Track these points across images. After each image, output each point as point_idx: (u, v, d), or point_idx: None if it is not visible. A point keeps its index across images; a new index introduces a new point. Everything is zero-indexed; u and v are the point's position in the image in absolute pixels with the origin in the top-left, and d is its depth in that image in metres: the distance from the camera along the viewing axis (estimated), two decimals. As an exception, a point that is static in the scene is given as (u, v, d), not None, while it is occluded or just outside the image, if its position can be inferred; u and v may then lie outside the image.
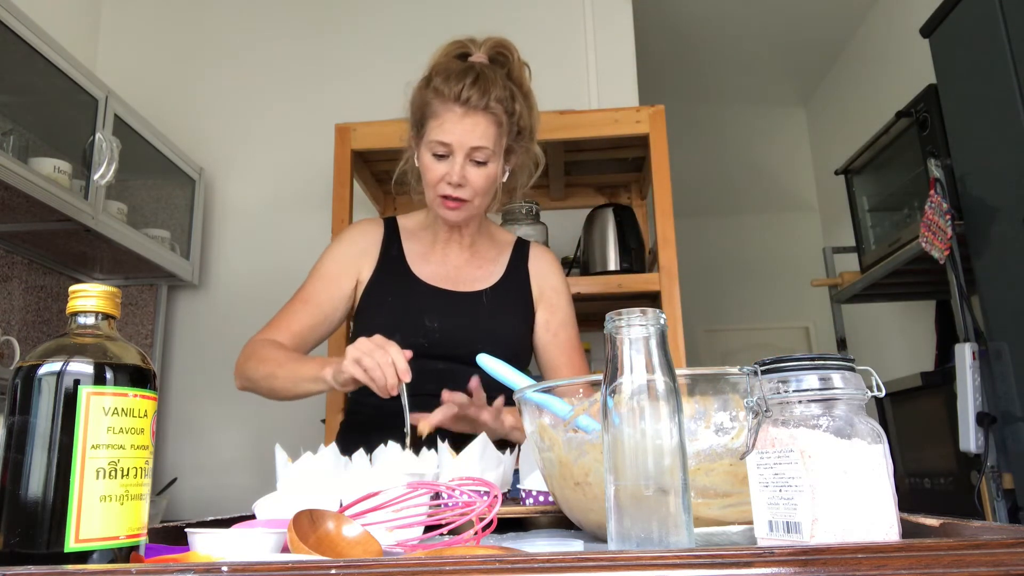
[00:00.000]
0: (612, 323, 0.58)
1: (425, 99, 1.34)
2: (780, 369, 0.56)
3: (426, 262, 1.45)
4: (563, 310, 1.48)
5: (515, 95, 1.34)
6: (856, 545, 0.45)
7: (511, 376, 0.91)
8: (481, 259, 1.48)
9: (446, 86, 1.30)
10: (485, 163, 1.32)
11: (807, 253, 4.55)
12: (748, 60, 4.29)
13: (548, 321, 1.46)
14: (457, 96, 1.28)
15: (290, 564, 0.46)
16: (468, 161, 1.31)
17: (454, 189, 1.32)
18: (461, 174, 1.31)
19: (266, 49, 2.89)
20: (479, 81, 1.29)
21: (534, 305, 1.47)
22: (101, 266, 2.45)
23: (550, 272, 1.51)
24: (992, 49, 1.85)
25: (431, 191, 1.36)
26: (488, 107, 1.29)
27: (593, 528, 0.73)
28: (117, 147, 2.11)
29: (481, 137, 1.29)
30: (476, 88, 1.28)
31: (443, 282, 1.43)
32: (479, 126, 1.29)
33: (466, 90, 1.28)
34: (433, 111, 1.31)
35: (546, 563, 0.44)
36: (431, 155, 1.32)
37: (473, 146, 1.29)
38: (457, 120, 1.29)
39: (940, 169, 2.11)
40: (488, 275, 1.46)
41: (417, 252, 1.47)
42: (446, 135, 1.29)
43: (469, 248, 1.48)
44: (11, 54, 1.80)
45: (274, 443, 0.96)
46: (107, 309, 0.60)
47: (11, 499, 0.54)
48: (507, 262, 1.49)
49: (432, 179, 1.34)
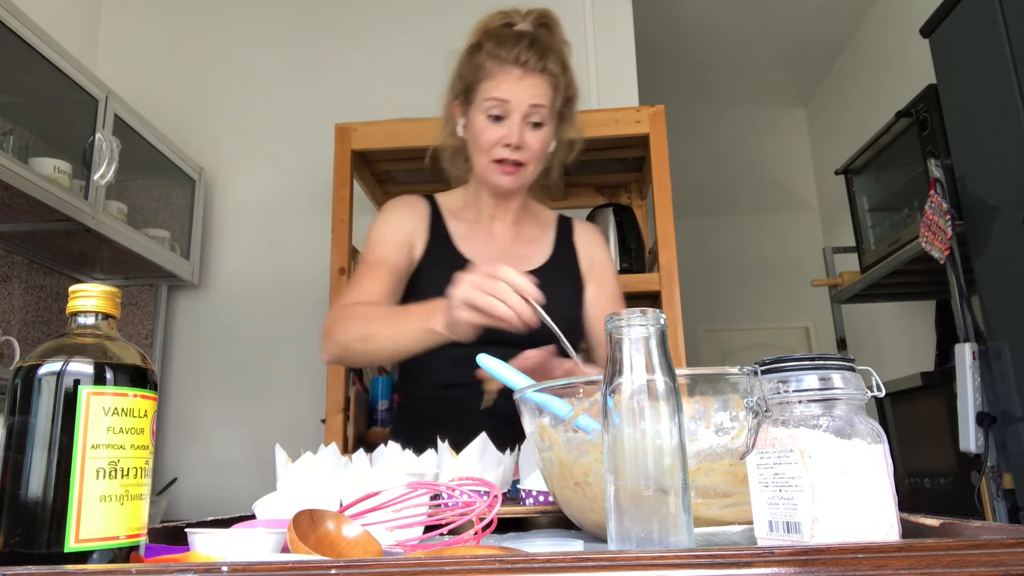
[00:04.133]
0: (612, 323, 0.58)
1: (478, 63, 1.30)
2: (780, 369, 0.56)
3: (472, 242, 1.40)
4: (611, 284, 1.45)
5: (566, 62, 1.33)
6: (856, 545, 0.45)
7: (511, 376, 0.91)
8: (526, 237, 1.45)
9: (502, 50, 1.28)
10: (541, 125, 1.29)
11: (807, 253, 4.56)
12: (748, 60, 4.29)
13: (597, 296, 1.43)
14: (516, 58, 1.26)
15: (290, 564, 0.46)
16: (525, 123, 1.28)
17: (511, 152, 1.29)
18: (520, 135, 1.28)
19: (266, 49, 2.89)
20: (535, 44, 1.28)
21: (583, 281, 1.44)
22: (101, 266, 2.45)
23: (597, 246, 1.48)
24: (992, 49, 1.85)
25: (484, 156, 1.31)
26: (546, 69, 1.28)
27: (593, 528, 0.73)
28: (117, 147, 2.11)
29: (540, 96, 1.27)
30: (533, 51, 1.27)
31: (491, 262, 1.39)
32: (537, 86, 1.27)
33: (524, 52, 1.26)
34: (488, 73, 1.29)
35: (546, 563, 0.44)
36: (486, 117, 1.29)
37: (532, 103, 1.27)
38: (515, 81, 1.27)
39: (940, 169, 2.11)
40: (536, 254, 1.43)
41: (462, 233, 1.41)
42: (504, 93, 1.27)
43: (513, 226, 1.44)
44: (11, 54, 1.80)
45: (274, 443, 0.96)
46: (107, 309, 0.60)
47: (11, 499, 0.54)
48: (553, 240, 1.45)
49: (487, 142, 1.30)
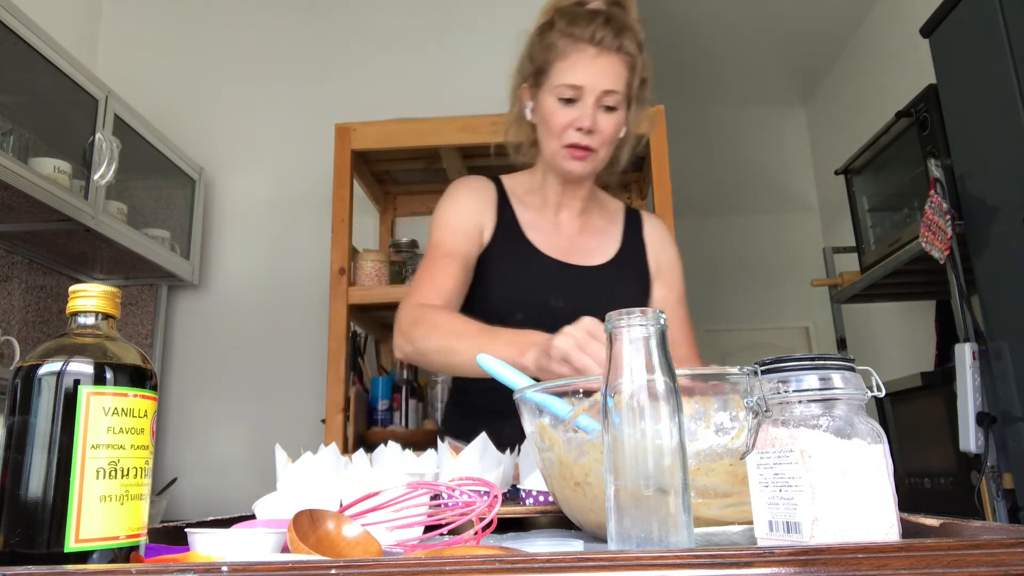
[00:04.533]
0: (612, 323, 0.58)
1: (550, 41, 1.25)
2: (780, 369, 0.56)
3: (539, 230, 1.35)
4: (678, 286, 1.41)
5: (641, 42, 1.26)
6: (856, 545, 0.45)
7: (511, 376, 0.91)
8: (594, 228, 1.39)
9: (576, 27, 1.22)
10: (615, 109, 1.24)
11: (807, 253, 4.55)
12: (748, 60, 4.29)
13: (665, 297, 1.38)
14: (591, 36, 1.20)
15: (290, 564, 0.46)
16: (598, 106, 1.22)
17: (583, 136, 1.23)
18: (592, 119, 1.22)
19: (266, 49, 2.89)
20: (611, 22, 1.22)
21: (651, 279, 1.38)
22: (101, 266, 2.45)
23: (667, 244, 1.42)
24: (992, 49, 1.85)
25: (555, 141, 1.26)
26: (622, 47, 1.21)
27: (593, 528, 0.73)
28: (117, 147, 2.11)
29: (614, 80, 1.22)
30: (609, 28, 1.21)
31: (560, 253, 1.33)
32: (612, 67, 1.21)
33: (599, 30, 1.20)
34: (562, 52, 1.23)
35: (546, 563, 0.44)
36: (557, 100, 1.23)
37: (605, 89, 1.21)
38: (590, 61, 1.21)
39: (940, 169, 2.11)
40: (603, 246, 1.37)
41: (529, 218, 1.35)
42: (577, 77, 1.21)
43: (580, 215, 1.38)
44: (11, 54, 1.80)
45: (274, 443, 0.96)
46: (107, 309, 0.60)
47: (11, 499, 0.54)
48: (621, 232, 1.40)
49: (558, 126, 1.24)
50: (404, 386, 2.32)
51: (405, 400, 2.30)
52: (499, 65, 3.03)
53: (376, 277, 2.22)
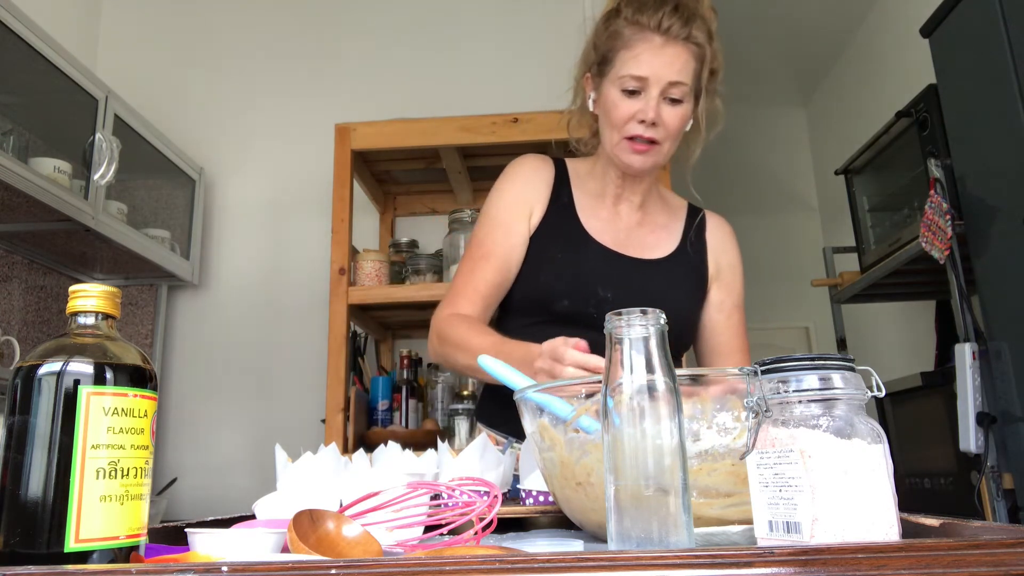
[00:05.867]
0: (612, 323, 0.58)
1: (615, 29, 1.20)
2: (780, 369, 0.56)
3: (596, 217, 1.31)
4: (738, 291, 1.37)
5: (713, 31, 1.21)
6: (856, 545, 0.45)
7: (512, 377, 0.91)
8: (653, 223, 1.35)
9: (643, 15, 1.17)
10: (681, 101, 1.19)
11: (807, 253, 4.55)
12: (748, 60, 4.28)
13: (723, 301, 1.34)
14: (658, 25, 1.16)
15: (290, 564, 0.46)
16: (663, 99, 1.18)
17: (646, 128, 1.18)
18: (656, 111, 1.17)
19: (266, 49, 2.89)
20: (680, 10, 1.17)
21: (709, 282, 1.35)
22: (101, 266, 2.45)
23: (730, 247, 1.39)
24: (992, 49, 1.85)
25: (616, 133, 1.21)
26: (690, 37, 1.17)
27: (594, 528, 0.73)
28: (117, 147, 2.11)
29: (680, 71, 1.17)
30: (678, 16, 1.16)
31: (615, 244, 1.29)
32: (679, 58, 1.16)
33: (666, 18, 1.15)
34: (626, 41, 1.18)
35: (546, 563, 0.44)
36: (620, 91, 1.19)
37: (671, 81, 1.16)
38: (656, 51, 1.16)
39: (940, 169, 2.11)
40: (662, 242, 1.33)
41: (586, 204, 1.32)
42: (641, 68, 1.16)
43: (640, 208, 1.34)
44: (11, 54, 1.80)
45: (274, 443, 0.96)
46: (107, 309, 0.60)
47: (11, 499, 0.54)
48: (682, 230, 1.36)
49: (620, 118, 1.20)
50: (404, 386, 2.32)
51: (405, 400, 2.30)
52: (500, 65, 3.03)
53: (376, 277, 2.22)
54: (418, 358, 2.44)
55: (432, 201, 2.70)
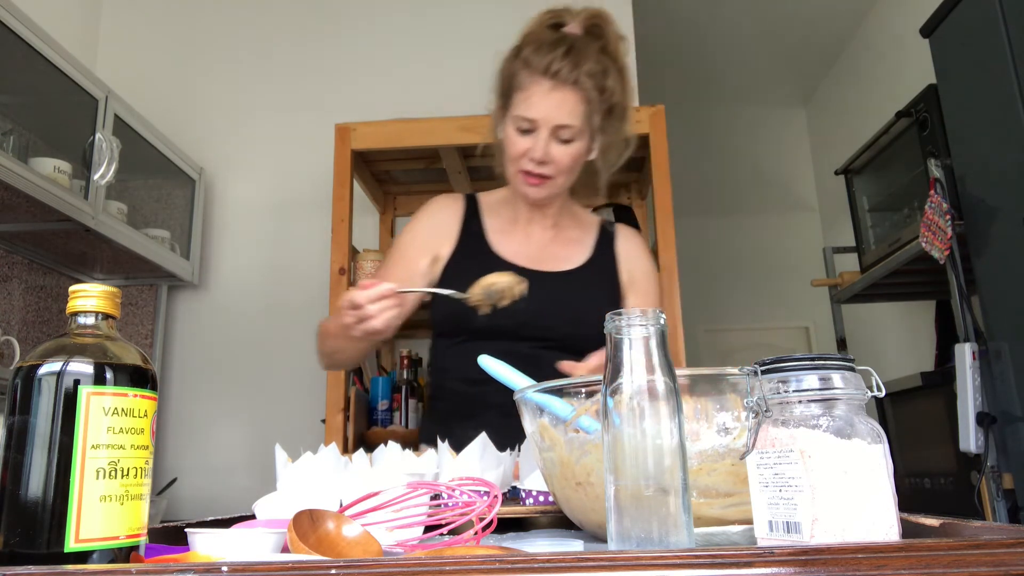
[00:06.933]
0: (612, 323, 0.58)
1: (513, 70, 1.28)
2: (780, 369, 0.56)
3: (508, 239, 1.40)
4: (653, 296, 1.43)
5: (608, 70, 1.27)
6: (856, 545, 0.45)
7: (512, 377, 0.91)
8: (566, 238, 1.43)
9: (535, 57, 1.24)
10: (571, 141, 1.26)
11: (807, 253, 4.55)
12: (748, 60, 4.28)
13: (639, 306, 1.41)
14: (546, 69, 1.22)
15: (290, 564, 0.46)
16: (553, 138, 1.25)
17: (537, 165, 1.27)
18: (545, 151, 1.25)
19: (266, 49, 2.89)
20: (570, 54, 1.23)
21: (622, 290, 1.41)
22: (101, 266, 2.45)
23: (640, 256, 1.45)
24: (992, 49, 1.85)
25: (512, 165, 1.31)
26: (578, 82, 1.23)
27: (594, 528, 0.73)
28: (117, 147, 2.11)
29: (568, 114, 1.24)
30: (567, 61, 1.22)
31: (527, 261, 1.37)
32: (567, 102, 1.23)
33: (556, 62, 1.22)
34: (520, 83, 1.26)
35: (546, 563, 0.44)
36: (515, 129, 1.27)
37: (559, 123, 1.24)
38: (544, 95, 1.23)
39: (940, 169, 2.11)
40: (573, 255, 1.41)
41: (498, 229, 1.41)
42: (531, 110, 1.24)
43: (553, 227, 1.42)
44: (11, 54, 1.80)
45: (274, 443, 0.96)
46: (107, 309, 0.60)
47: (11, 499, 0.54)
48: (594, 243, 1.43)
49: (514, 154, 1.29)
50: (404, 386, 2.32)
51: (405, 400, 2.30)
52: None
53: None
54: (418, 358, 2.44)
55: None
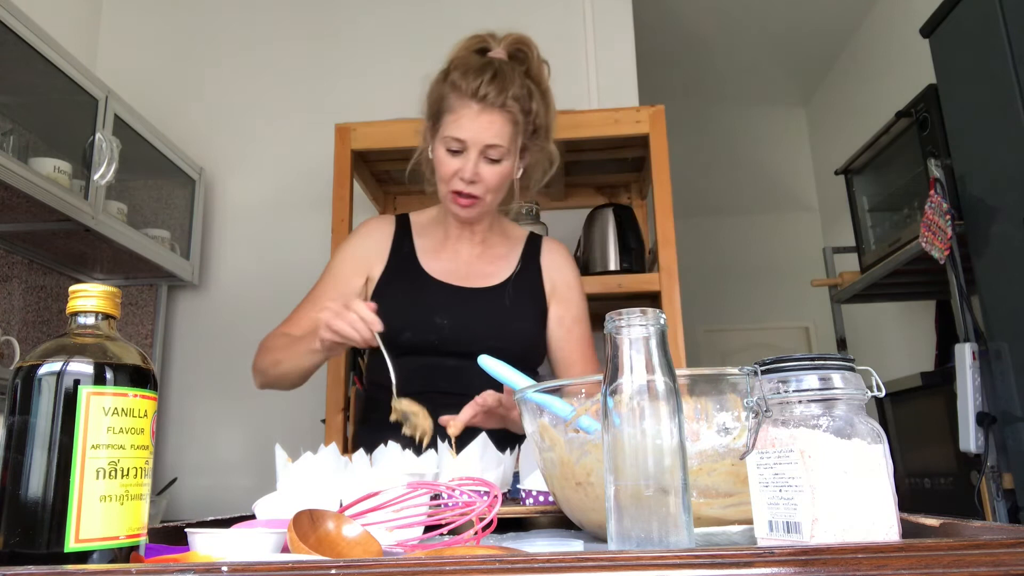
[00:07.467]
0: (612, 323, 0.58)
1: (442, 93, 1.33)
2: (780, 369, 0.56)
3: (437, 258, 1.44)
4: (576, 305, 1.47)
5: (532, 93, 1.33)
6: (856, 545, 0.45)
7: (512, 377, 0.91)
8: (493, 254, 1.47)
9: (464, 81, 1.29)
10: (499, 161, 1.31)
11: (807, 253, 4.55)
12: (748, 60, 4.28)
13: (562, 317, 1.45)
14: (474, 92, 1.27)
15: (290, 564, 0.46)
16: (482, 158, 1.30)
17: (466, 185, 1.32)
18: (474, 171, 1.30)
19: (266, 49, 2.89)
20: (497, 78, 1.28)
21: (547, 300, 1.45)
22: (101, 266, 2.45)
23: (563, 266, 1.49)
24: (992, 49, 1.85)
25: (443, 186, 1.35)
26: (505, 105, 1.28)
27: (594, 528, 0.73)
28: (117, 147, 2.11)
29: (496, 135, 1.29)
30: (493, 85, 1.27)
31: (454, 278, 1.42)
32: (495, 124, 1.28)
33: (483, 87, 1.27)
34: (449, 106, 1.31)
35: (546, 563, 0.44)
36: (445, 150, 1.32)
37: (488, 144, 1.29)
38: (473, 117, 1.28)
39: (940, 169, 2.11)
40: (500, 270, 1.45)
41: (428, 248, 1.46)
42: (461, 131, 1.29)
43: (481, 244, 1.47)
44: (11, 54, 1.80)
45: (274, 443, 0.96)
46: (107, 309, 0.60)
47: (11, 499, 0.54)
48: (519, 257, 1.48)
49: (445, 174, 1.33)
50: (404, 386, 2.31)
51: (405, 400, 2.30)
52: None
53: (376, 277, 2.22)
54: (418, 358, 2.44)
55: (432, 201, 2.69)
